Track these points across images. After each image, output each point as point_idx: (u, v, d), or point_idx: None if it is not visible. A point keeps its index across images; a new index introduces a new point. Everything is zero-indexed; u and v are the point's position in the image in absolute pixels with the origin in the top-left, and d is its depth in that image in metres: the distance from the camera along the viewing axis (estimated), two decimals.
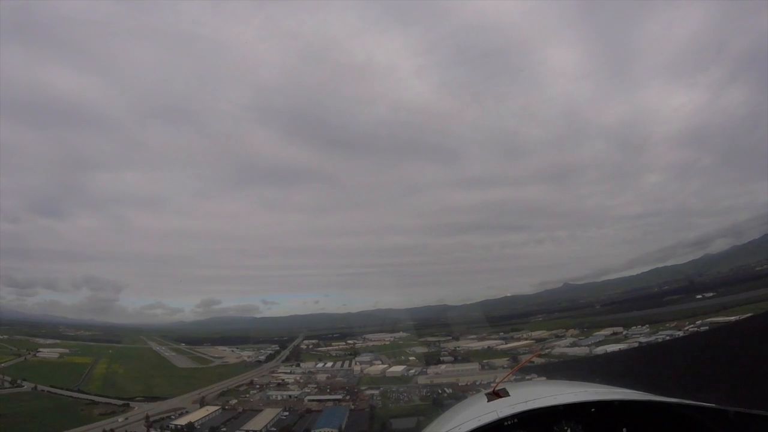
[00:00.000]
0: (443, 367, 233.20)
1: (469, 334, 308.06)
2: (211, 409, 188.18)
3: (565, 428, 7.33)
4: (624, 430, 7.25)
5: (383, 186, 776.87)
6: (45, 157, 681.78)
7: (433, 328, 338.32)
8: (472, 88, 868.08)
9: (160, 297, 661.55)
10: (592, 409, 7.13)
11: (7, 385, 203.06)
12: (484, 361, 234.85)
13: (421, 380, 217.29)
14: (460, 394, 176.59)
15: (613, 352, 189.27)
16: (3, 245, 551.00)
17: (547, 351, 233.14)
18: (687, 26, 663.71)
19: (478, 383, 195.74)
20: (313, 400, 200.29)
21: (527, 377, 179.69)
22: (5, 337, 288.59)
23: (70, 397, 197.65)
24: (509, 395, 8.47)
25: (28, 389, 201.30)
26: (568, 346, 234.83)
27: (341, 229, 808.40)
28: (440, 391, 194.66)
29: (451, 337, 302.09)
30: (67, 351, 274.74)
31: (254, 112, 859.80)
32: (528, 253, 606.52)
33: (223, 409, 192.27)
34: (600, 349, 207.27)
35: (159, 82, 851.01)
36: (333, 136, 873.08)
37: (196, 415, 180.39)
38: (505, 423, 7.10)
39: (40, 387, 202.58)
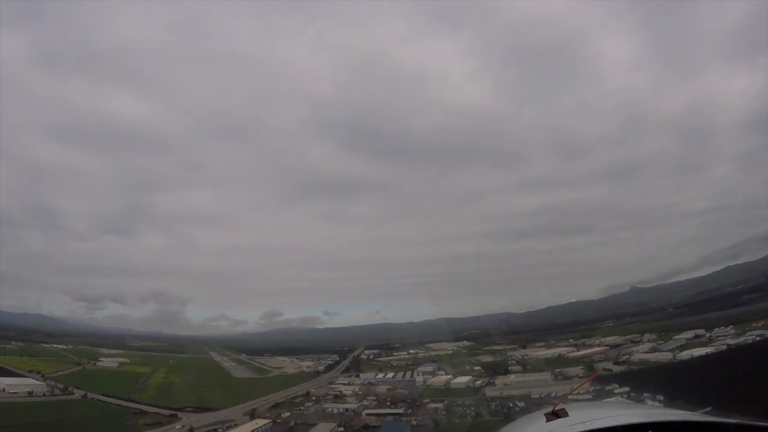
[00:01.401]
0: (512, 377, 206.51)
1: (535, 341, 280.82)
2: (261, 422, 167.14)
3: None
4: None
5: (442, 194, 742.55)
6: (111, 180, 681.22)
7: (497, 337, 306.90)
8: (526, 88, 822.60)
9: (224, 309, 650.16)
10: (649, 431, 6.44)
11: (57, 392, 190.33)
12: (557, 370, 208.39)
13: (489, 392, 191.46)
14: (534, 408, 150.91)
15: (702, 356, 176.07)
16: (74, 263, 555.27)
17: (624, 357, 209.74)
18: (741, 4, 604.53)
19: (552, 395, 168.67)
20: (371, 414, 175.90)
21: (607, 387, 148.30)
22: (70, 347, 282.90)
23: (119, 405, 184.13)
24: (568, 416, 7.69)
25: (78, 397, 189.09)
26: (647, 352, 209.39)
27: (401, 239, 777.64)
28: (511, 405, 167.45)
29: (517, 345, 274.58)
30: (127, 360, 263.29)
31: (310, 127, 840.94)
32: (592, 256, 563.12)
33: (274, 422, 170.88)
34: (685, 354, 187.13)
35: (215, 103, 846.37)
36: (389, 146, 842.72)
37: (244, 429, 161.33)
38: None
39: (90, 395, 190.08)
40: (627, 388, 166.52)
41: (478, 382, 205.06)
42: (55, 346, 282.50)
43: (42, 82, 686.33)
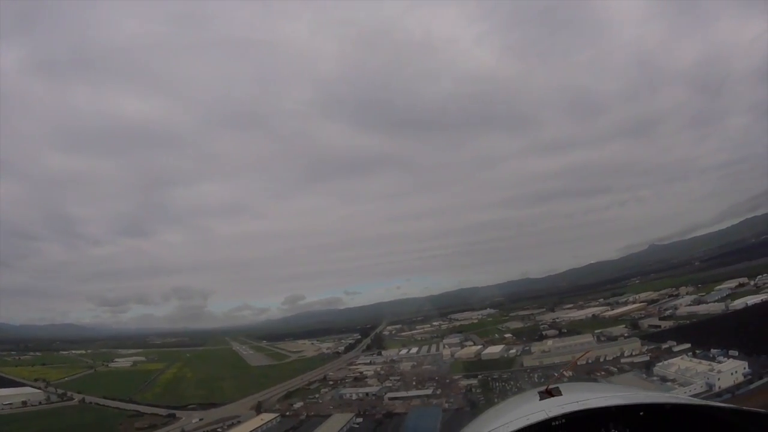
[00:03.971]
0: (549, 342, 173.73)
1: (562, 304, 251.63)
2: (267, 417, 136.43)
3: (613, 431, 6.66)
4: None
5: (458, 163, 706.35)
6: (123, 181, 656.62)
7: (521, 302, 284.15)
8: (536, 47, 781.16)
9: (247, 299, 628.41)
10: (641, 413, 6.51)
11: (55, 399, 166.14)
12: (597, 331, 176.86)
13: (528, 361, 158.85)
14: (584, 376, 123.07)
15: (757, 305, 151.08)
16: (95, 269, 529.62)
17: (668, 312, 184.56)
18: None
19: (602, 360, 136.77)
20: (395, 398, 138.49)
21: (664, 346, 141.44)
22: (89, 351, 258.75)
23: (117, 408, 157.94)
24: (561, 394, 7.76)
25: (75, 402, 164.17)
26: (692, 305, 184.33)
27: (419, 212, 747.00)
28: (556, 375, 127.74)
29: (544, 309, 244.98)
30: (143, 359, 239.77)
31: (319, 106, 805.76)
32: (611, 216, 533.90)
33: (283, 416, 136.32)
34: (738, 303, 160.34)
35: (222, 92, 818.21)
36: (401, 117, 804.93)
37: (248, 426, 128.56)
38: (554, 423, 6.57)
39: (89, 399, 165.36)
40: (688, 345, 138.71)
41: (513, 351, 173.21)
42: (73, 352, 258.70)
43: (44, 91, 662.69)
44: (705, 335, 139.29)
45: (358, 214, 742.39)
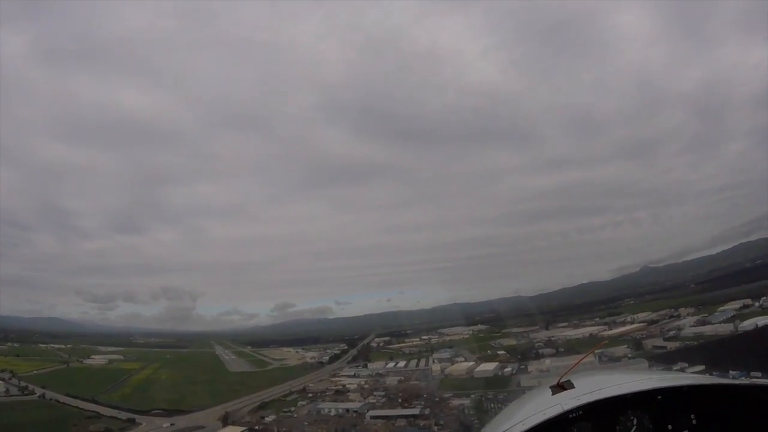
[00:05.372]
0: (547, 362, 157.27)
1: (556, 322, 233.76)
2: (233, 430, 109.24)
3: (632, 418, 6.15)
4: (692, 416, 6.07)
5: (456, 176, 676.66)
6: (120, 176, 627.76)
7: (513, 320, 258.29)
8: (541, 64, 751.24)
9: (237, 303, 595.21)
10: (659, 397, 5.99)
11: (15, 391, 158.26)
12: (598, 351, 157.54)
13: (525, 381, 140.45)
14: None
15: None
16: (86, 263, 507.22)
17: (672, 333, 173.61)
18: None
19: None
20: (377, 417, 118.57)
21: (675, 367, 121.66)
22: (69, 346, 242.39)
23: (77, 407, 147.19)
24: (574, 387, 6.88)
25: (35, 398, 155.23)
26: (697, 326, 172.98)
27: (414, 225, 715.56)
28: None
29: (538, 327, 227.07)
30: (120, 357, 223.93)
31: (321, 111, 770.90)
32: (606, 237, 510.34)
33: (252, 430, 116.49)
34: (748, 324, 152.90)
35: (224, 91, 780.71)
36: (402, 128, 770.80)
37: None
38: (570, 416, 5.99)
39: (51, 395, 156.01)
40: (702, 367, 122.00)
41: (508, 369, 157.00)
42: (52, 345, 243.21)
43: (45, 80, 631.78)
44: (717, 357, 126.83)
45: (352, 223, 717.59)
